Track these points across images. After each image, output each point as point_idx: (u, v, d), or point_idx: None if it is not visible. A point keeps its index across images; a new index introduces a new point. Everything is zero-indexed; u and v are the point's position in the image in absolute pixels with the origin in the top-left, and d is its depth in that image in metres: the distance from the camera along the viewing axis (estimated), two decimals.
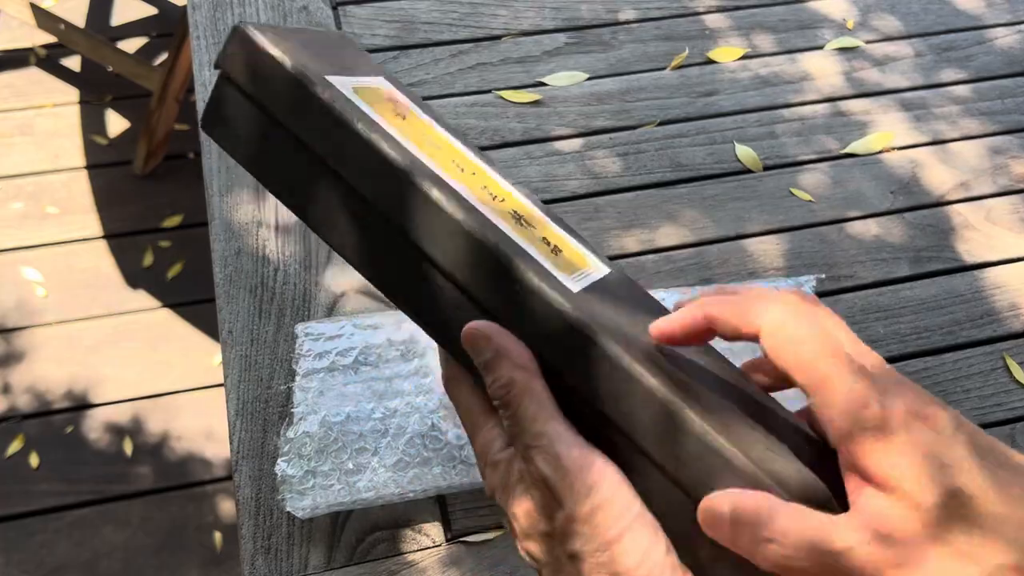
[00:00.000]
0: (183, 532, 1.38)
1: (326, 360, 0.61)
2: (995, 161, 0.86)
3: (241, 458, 0.60)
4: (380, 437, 0.57)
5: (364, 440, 0.57)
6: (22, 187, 1.74)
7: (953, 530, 0.26)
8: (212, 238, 0.72)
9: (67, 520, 1.38)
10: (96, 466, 1.43)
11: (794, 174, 0.83)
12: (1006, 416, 0.70)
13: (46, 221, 1.70)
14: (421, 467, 0.56)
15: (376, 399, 0.59)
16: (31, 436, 1.45)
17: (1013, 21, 0.99)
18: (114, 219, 1.72)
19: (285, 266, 0.71)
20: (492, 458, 0.36)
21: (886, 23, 0.98)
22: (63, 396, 1.50)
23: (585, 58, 0.91)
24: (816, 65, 0.93)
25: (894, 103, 0.90)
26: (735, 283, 0.76)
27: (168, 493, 1.42)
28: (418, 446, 0.57)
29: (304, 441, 0.57)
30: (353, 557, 0.57)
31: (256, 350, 0.66)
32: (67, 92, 1.90)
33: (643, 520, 0.32)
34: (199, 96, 0.82)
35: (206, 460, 1.45)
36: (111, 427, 1.48)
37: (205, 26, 0.87)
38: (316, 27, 0.31)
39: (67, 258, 1.66)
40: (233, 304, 0.68)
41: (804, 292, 0.33)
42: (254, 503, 0.59)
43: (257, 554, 0.57)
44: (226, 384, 0.64)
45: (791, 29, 0.96)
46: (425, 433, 0.58)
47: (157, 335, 1.58)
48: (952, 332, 0.74)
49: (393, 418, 0.58)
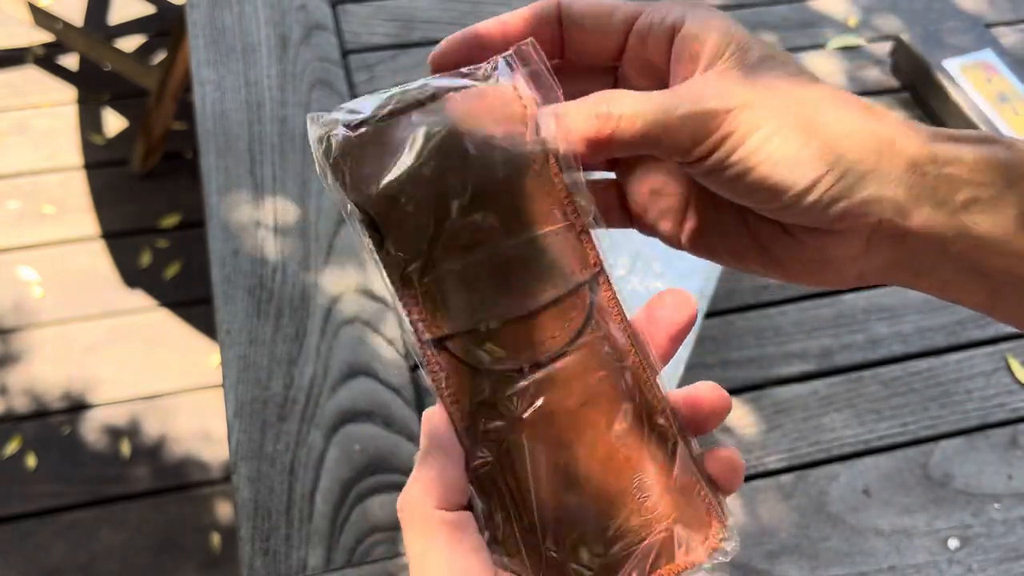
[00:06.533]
0: (181, 534, 1.37)
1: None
2: None
3: (240, 459, 0.60)
4: None
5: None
6: (19, 186, 1.74)
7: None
8: (210, 238, 0.72)
9: (64, 522, 1.37)
10: (93, 467, 1.43)
11: None
12: (1008, 417, 0.69)
13: (43, 220, 1.70)
14: None
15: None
16: (28, 437, 1.44)
17: (1015, 20, 0.99)
18: (111, 219, 1.72)
19: (283, 266, 0.70)
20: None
21: (888, 22, 0.97)
22: (60, 397, 1.49)
23: None
24: (818, 64, 0.92)
25: (897, 102, 0.90)
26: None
27: (166, 495, 1.41)
28: None
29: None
30: (352, 559, 0.57)
31: (255, 350, 0.65)
32: (64, 91, 1.89)
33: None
34: (196, 94, 0.82)
35: (204, 461, 1.44)
36: (108, 428, 1.47)
37: (203, 25, 0.86)
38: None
39: (64, 258, 1.65)
40: (231, 304, 0.67)
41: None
42: (253, 504, 0.58)
43: (256, 556, 0.56)
44: (224, 385, 0.63)
45: (793, 28, 0.96)
46: None
47: (155, 335, 1.57)
48: (955, 332, 0.73)
49: None
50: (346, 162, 0.30)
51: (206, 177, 0.75)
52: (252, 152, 0.77)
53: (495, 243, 0.31)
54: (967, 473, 0.67)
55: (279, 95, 0.81)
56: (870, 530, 0.64)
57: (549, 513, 0.30)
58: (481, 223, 0.31)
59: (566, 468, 0.30)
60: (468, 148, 0.31)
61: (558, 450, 0.30)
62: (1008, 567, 0.62)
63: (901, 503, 0.65)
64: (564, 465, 0.30)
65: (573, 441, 0.30)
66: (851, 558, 0.62)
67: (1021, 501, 0.66)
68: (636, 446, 0.31)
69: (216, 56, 0.84)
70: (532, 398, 0.30)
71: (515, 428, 0.30)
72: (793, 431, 0.68)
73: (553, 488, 0.30)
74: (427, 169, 0.30)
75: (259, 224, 0.72)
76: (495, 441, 0.30)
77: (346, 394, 0.65)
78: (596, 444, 0.31)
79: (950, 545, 0.63)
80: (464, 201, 0.30)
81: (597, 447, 0.31)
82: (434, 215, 0.30)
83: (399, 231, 0.30)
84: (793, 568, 0.62)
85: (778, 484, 0.65)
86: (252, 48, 0.85)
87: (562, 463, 0.30)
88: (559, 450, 0.30)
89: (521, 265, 0.31)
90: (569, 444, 0.30)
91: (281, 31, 0.87)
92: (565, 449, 0.30)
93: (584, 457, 0.30)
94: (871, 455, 0.67)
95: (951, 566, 0.62)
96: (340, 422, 0.64)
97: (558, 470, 0.30)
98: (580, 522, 0.30)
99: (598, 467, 0.31)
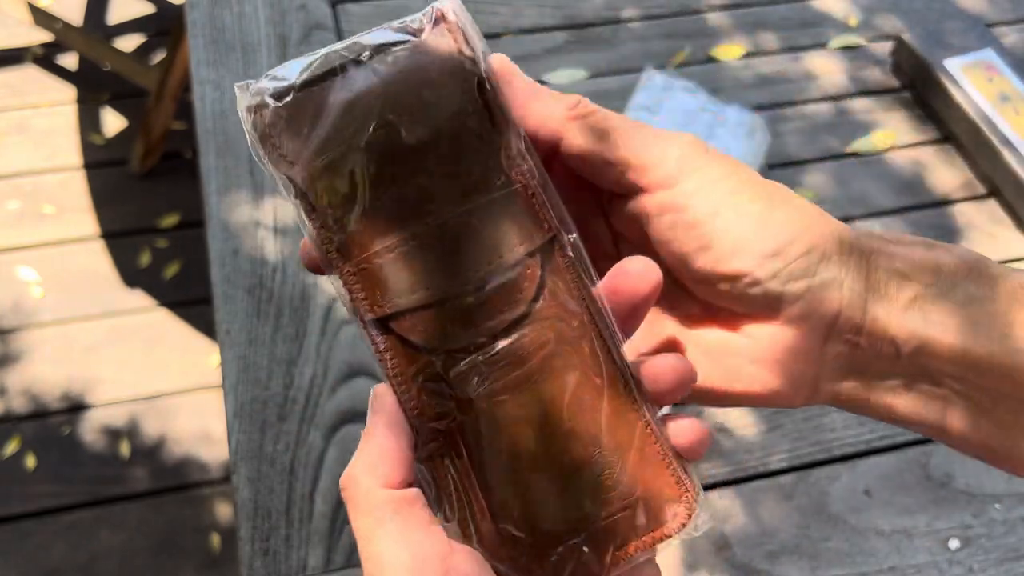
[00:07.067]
0: (180, 534, 1.37)
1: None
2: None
3: (239, 459, 0.60)
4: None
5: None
6: (18, 186, 1.74)
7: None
8: (209, 238, 0.72)
9: (64, 522, 1.37)
10: (93, 467, 1.42)
11: (798, 173, 0.83)
12: None
13: (42, 220, 1.70)
14: None
15: None
16: (28, 437, 1.44)
17: (1016, 19, 0.99)
18: (111, 218, 1.71)
19: (283, 266, 0.70)
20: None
21: (889, 21, 0.97)
22: (60, 397, 1.49)
23: (586, 56, 0.90)
24: (819, 64, 0.92)
25: (898, 102, 0.90)
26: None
27: (165, 495, 1.41)
28: None
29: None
30: (352, 559, 0.57)
31: (254, 351, 0.65)
32: (64, 91, 1.89)
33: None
34: (196, 94, 0.81)
35: (203, 462, 1.44)
36: (108, 428, 1.47)
37: (203, 24, 0.86)
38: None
39: (63, 258, 1.65)
40: (231, 304, 0.67)
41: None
42: (252, 505, 0.58)
43: (255, 556, 0.56)
44: (224, 385, 0.63)
45: (794, 27, 0.95)
46: None
47: (154, 335, 1.57)
48: None
49: None
50: (275, 133, 0.29)
51: (206, 177, 0.75)
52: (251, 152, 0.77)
53: (437, 213, 0.28)
54: (968, 473, 0.66)
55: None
56: (871, 530, 0.64)
57: (505, 492, 0.29)
58: (421, 192, 0.28)
59: (522, 445, 0.29)
60: (403, 111, 0.28)
61: (513, 427, 0.29)
62: (1009, 567, 0.62)
63: (902, 503, 0.65)
64: (520, 442, 0.29)
65: (528, 417, 0.29)
66: (852, 558, 0.62)
67: (1021, 501, 0.65)
68: (595, 419, 0.29)
69: (216, 56, 0.84)
70: (483, 375, 0.29)
71: (466, 407, 0.29)
72: (794, 431, 0.68)
73: (509, 466, 0.29)
74: (359, 136, 0.28)
75: (259, 224, 0.72)
76: (446, 421, 0.29)
77: (346, 394, 0.65)
78: (553, 419, 0.29)
79: (951, 545, 0.63)
80: (401, 168, 0.28)
81: (554, 422, 0.29)
82: (368, 185, 0.28)
83: (332, 204, 0.28)
84: (794, 568, 0.61)
85: (779, 484, 0.65)
86: (252, 48, 0.85)
87: (518, 440, 0.29)
88: (514, 427, 0.29)
89: (465, 235, 0.28)
90: (524, 420, 0.29)
91: (281, 31, 0.86)
92: (520, 426, 0.29)
93: (540, 433, 0.29)
94: (872, 455, 0.67)
95: (952, 566, 0.62)
96: (340, 422, 0.64)
97: (514, 448, 0.29)
98: (539, 500, 0.29)
99: (556, 443, 0.29)
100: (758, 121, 0.82)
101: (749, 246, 0.29)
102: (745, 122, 0.82)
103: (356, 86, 0.29)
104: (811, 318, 0.29)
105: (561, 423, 0.29)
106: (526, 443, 0.29)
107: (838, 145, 0.86)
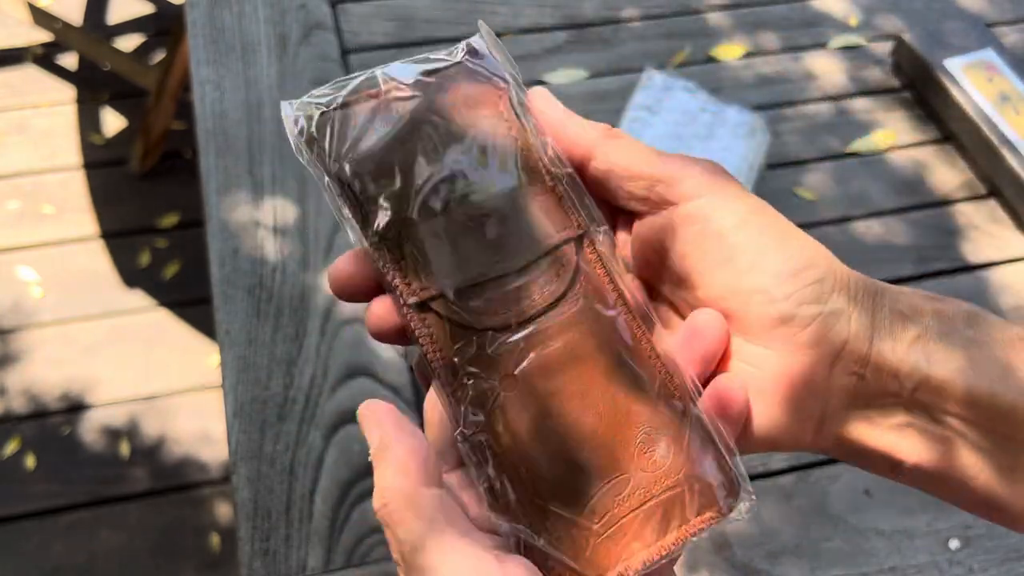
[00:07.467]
0: (180, 535, 1.37)
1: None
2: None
3: (239, 460, 0.60)
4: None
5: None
6: (18, 186, 1.73)
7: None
8: (209, 238, 0.71)
9: (63, 522, 1.37)
10: (93, 468, 1.42)
11: (798, 173, 0.83)
12: None
13: (42, 220, 1.69)
14: None
15: None
16: (28, 437, 1.44)
17: (1016, 19, 0.98)
18: (111, 218, 1.71)
19: (283, 266, 0.70)
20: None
21: (889, 21, 0.97)
22: (59, 397, 1.49)
23: (585, 56, 0.90)
24: (819, 64, 0.92)
25: (898, 102, 0.90)
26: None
27: (165, 495, 1.41)
28: None
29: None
30: (351, 559, 0.56)
31: (254, 351, 0.65)
32: (63, 90, 1.88)
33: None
34: (196, 94, 0.81)
35: (203, 462, 1.44)
36: (107, 429, 1.47)
37: (202, 24, 0.86)
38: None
39: (63, 258, 1.65)
40: (230, 304, 0.67)
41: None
42: (252, 505, 0.58)
43: (255, 556, 0.56)
44: (224, 385, 0.63)
45: (794, 27, 0.95)
46: None
47: (154, 336, 1.57)
48: None
49: None
50: (322, 136, 0.31)
51: (205, 177, 0.75)
52: (251, 152, 0.77)
53: (475, 202, 0.31)
54: None
55: (279, 95, 0.81)
56: (871, 530, 0.63)
57: (550, 471, 0.29)
58: (459, 184, 0.31)
59: (564, 423, 0.29)
60: (443, 115, 0.31)
61: (555, 405, 0.29)
62: (1009, 567, 0.62)
63: (902, 503, 0.65)
64: (562, 420, 0.29)
65: (570, 395, 0.30)
66: (852, 558, 0.62)
67: None
68: (638, 399, 0.30)
69: (215, 55, 0.84)
70: (523, 353, 0.30)
71: (507, 385, 0.30)
72: None
73: (553, 444, 0.29)
74: (402, 136, 0.31)
75: (258, 224, 0.72)
76: (487, 401, 0.30)
77: (345, 394, 0.65)
78: (594, 398, 0.30)
79: (951, 545, 0.63)
80: (441, 164, 0.31)
81: (595, 401, 0.30)
82: (411, 179, 0.31)
83: (376, 197, 0.31)
84: (794, 568, 0.61)
85: (779, 485, 0.65)
86: (252, 47, 0.85)
87: (560, 418, 0.29)
88: (556, 404, 0.29)
89: (503, 222, 0.31)
90: (566, 398, 0.30)
91: (281, 30, 0.86)
92: (562, 403, 0.30)
93: (582, 411, 0.30)
94: None
95: (952, 566, 0.62)
96: (339, 422, 0.64)
97: (556, 426, 0.29)
98: (584, 479, 0.29)
99: (599, 421, 0.30)
100: (758, 121, 0.82)
101: (767, 264, 0.30)
102: (745, 122, 0.82)
103: (398, 100, 0.32)
104: (819, 345, 0.29)
105: (604, 402, 0.30)
106: (568, 421, 0.30)
107: (838, 145, 0.86)
